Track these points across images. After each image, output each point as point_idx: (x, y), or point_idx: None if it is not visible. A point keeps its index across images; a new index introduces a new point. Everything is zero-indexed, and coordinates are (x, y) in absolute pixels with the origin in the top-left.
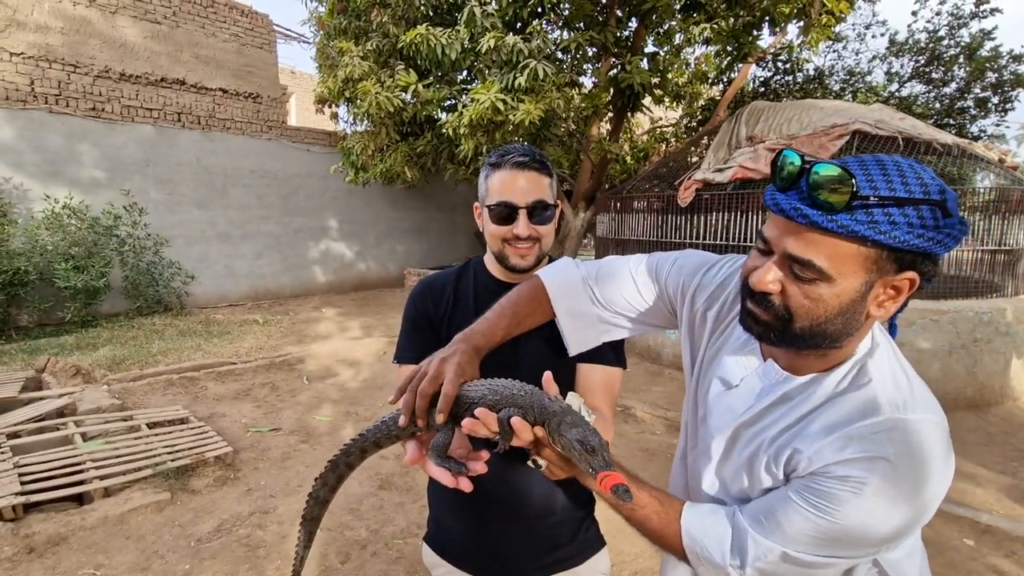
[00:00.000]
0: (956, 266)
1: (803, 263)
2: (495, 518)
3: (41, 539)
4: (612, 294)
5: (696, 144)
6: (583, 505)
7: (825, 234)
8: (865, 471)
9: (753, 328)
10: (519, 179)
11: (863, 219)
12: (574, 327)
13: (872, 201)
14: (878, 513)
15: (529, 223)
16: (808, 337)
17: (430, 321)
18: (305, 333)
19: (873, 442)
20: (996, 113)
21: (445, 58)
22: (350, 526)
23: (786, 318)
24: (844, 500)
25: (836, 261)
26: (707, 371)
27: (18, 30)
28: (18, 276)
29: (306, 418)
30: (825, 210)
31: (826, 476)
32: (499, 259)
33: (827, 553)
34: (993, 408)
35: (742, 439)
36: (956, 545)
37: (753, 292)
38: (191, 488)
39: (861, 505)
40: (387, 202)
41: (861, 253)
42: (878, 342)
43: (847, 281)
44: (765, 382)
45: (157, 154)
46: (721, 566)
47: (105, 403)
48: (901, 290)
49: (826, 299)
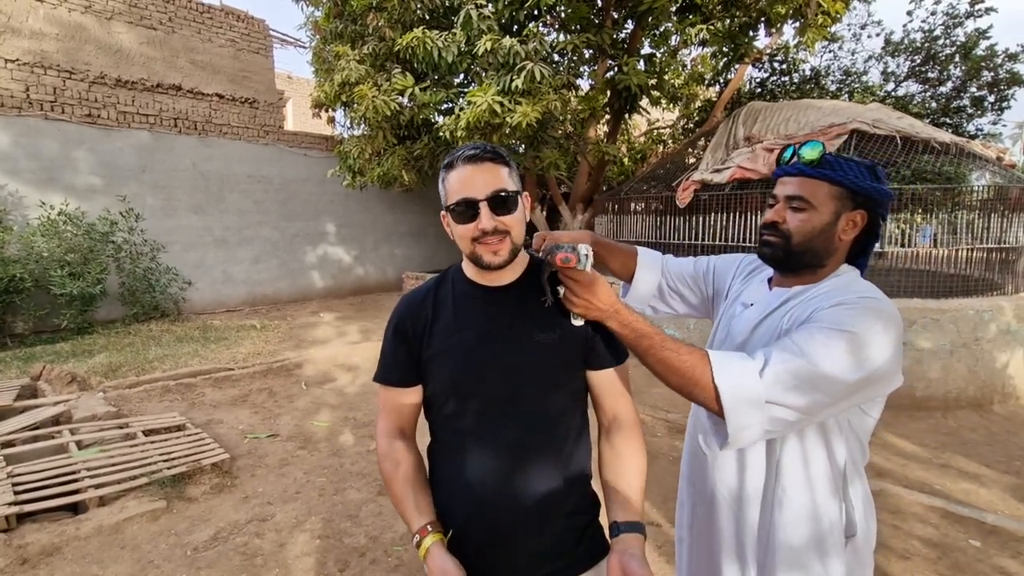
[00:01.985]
0: (955, 265)
1: (796, 198)
2: (498, 524)
3: (35, 550)
4: (675, 268)
5: (693, 145)
6: (587, 510)
7: (808, 178)
8: (850, 308)
9: (767, 253)
10: (474, 174)
11: (829, 169)
12: (643, 278)
13: (834, 159)
14: (859, 327)
15: (493, 215)
16: (803, 253)
17: (408, 342)
18: (303, 338)
19: (856, 302)
20: (992, 112)
21: (442, 61)
22: (349, 533)
23: (788, 236)
24: (838, 319)
25: (815, 195)
26: (731, 305)
27: (13, 36)
28: (14, 283)
29: (304, 424)
30: (807, 166)
31: (821, 311)
32: (473, 260)
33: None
34: (995, 407)
35: (759, 333)
36: (962, 546)
37: (766, 226)
38: (187, 496)
39: (848, 321)
40: (384, 206)
41: (831, 190)
42: (853, 270)
43: (824, 208)
44: (771, 298)
45: (153, 160)
46: (750, 373)
47: (101, 411)
48: (856, 223)
49: (812, 221)
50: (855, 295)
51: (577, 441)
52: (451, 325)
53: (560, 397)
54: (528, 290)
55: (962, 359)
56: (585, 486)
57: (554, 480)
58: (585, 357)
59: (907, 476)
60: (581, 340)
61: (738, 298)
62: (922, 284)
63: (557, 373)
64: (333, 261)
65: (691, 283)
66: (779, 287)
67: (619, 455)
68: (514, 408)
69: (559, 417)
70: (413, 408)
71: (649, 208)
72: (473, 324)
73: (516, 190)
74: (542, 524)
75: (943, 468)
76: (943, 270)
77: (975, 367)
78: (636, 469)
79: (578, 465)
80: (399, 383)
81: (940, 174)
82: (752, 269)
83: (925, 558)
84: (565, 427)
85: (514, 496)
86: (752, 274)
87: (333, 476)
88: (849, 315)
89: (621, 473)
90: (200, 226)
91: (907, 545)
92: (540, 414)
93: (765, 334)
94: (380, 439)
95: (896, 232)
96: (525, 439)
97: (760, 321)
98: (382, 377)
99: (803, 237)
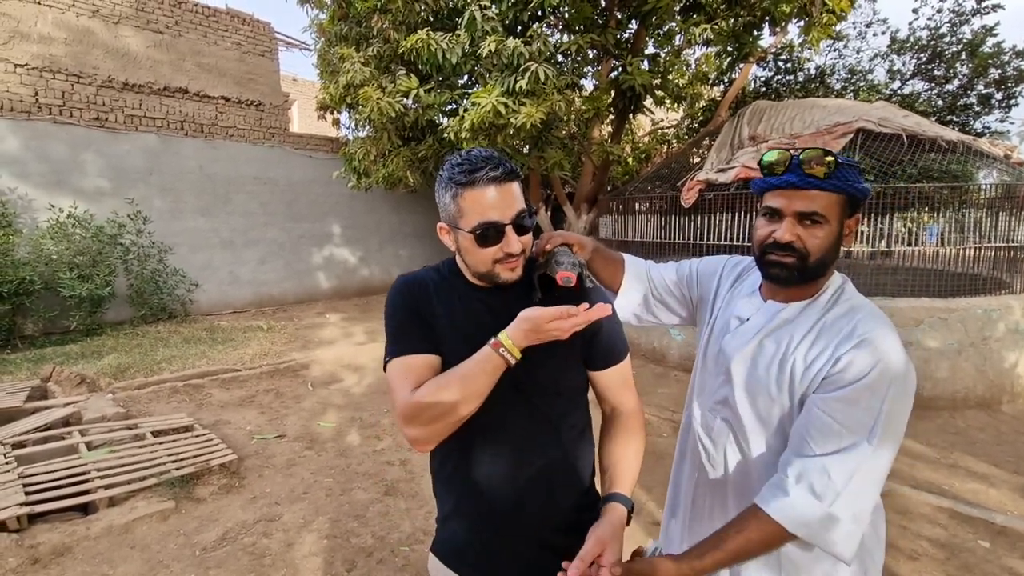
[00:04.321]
0: (963, 263)
1: (811, 214)
2: (503, 522)
3: (46, 550)
4: (658, 276)
5: (698, 145)
6: (591, 507)
7: (822, 191)
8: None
9: (780, 274)
10: (498, 195)
11: (838, 179)
12: (630, 288)
13: (836, 167)
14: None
15: (517, 237)
16: (818, 267)
17: (420, 314)
18: (309, 339)
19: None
20: (1000, 109)
21: (446, 62)
22: (356, 533)
23: (805, 255)
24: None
25: (828, 208)
26: (722, 316)
27: (22, 41)
28: (23, 286)
29: (311, 424)
30: (817, 177)
31: (835, 371)
32: (486, 278)
33: (857, 435)
34: (1004, 407)
35: (767, 348)
36: (971, 547)
37: (777, 246)
38: (196, 496)
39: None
40: (389, 207)
41: (838, 200)
42: (844, 278)
43: (834, 221)
44: (768, 314)
45: (160, 162)
46: (821, 510)
47: (110, 412)
48: (852, 228)
49: (826, 236)
50: (875, 355)
51: (580, 438)
52: (455, 324)
53: (562, 395)
54: (528, 289)
55: (970, 358)
56: (588, 483)
57: (556, 479)
58: (586, 357)
59: (915, 476)
60: (581, 339)
61: (729, 309)
62: (929, 283)
63: (558, 372)
64: (338, 262)
65: (675, 290)
66: (773, 300)
67: (617, 440)
68: (515, 407)
69: (562, 415)
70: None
71: (654, 208)
72: (476, 324)
73: (529, 204)
74: (546, 521)
75: (951, 468)
76: (950, 269)
77: (983, 366)
78: (634, 452)
79: (581, 462)
80: (424, 349)
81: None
82: (738, 274)
83: (933, 559)
84: (568, 425)
85: (518, 494)
86: (739, 280)
87: (340, 476)
88: (878, 404)
89: (620, 455)
90: (207, 228)
91: (915, 545)
92: (542, 412)
93: (779, 350)
94: (405, 399)
95: (903, 231)
96: (527, 438)
97: (759, 341)
98: (406, 347)
99: (821, 254)
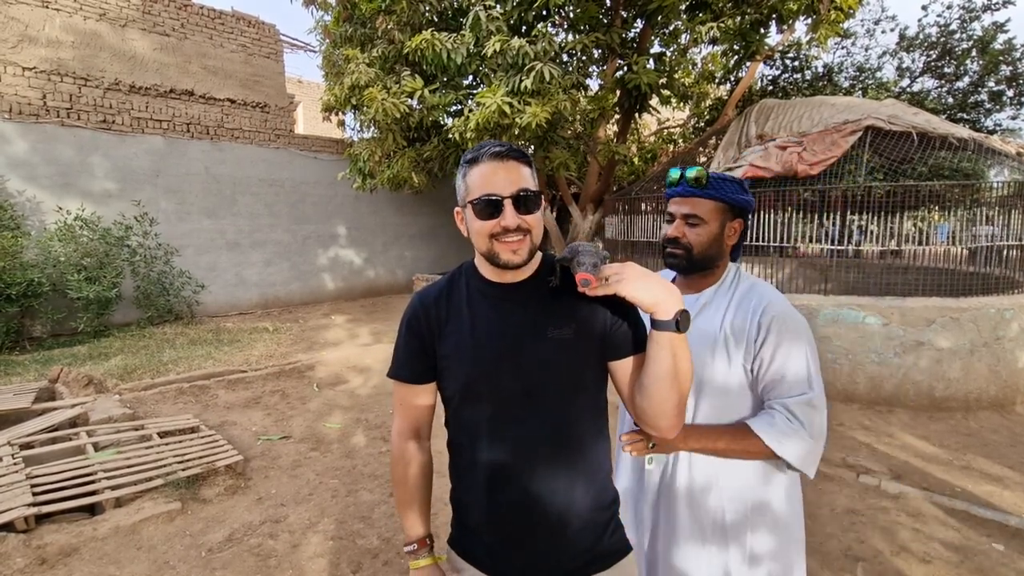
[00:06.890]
0: (975, 263)
1: (692, 216)
2: (513, 523)
3: (53, 550)
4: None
5: (704, 144)
6: (605, 508)
7: (700, 198)
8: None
9: (674, 263)
10: (499, 170)
11: (712, 189)
12: None
13: (715, 179)
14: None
15: (516, 213)
16: (702, 260)
17: (422, 339)
18: (315, 340)
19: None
20: (1011, 107)
21: (451, 63)
22: (362, 534)
23: (690, 248)
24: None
25: (708, 213)
26: None
27: (30, 45)
28: (32, 287)
29: (316, 425)
30: (697, 187)
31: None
32: (489, 258)
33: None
34: (1018, 407)
35: (699, 326)
36: (985, 550)
37: (669, 241)
38: (202, 497)
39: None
40: (395, 208)
41: (716, 206)
42: (737, 265)
43: (713, 222)
44: (689, 303)
45: (167, 165)
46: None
47: (117, 413)
48: (736, 230)
49: (705, 233)
50: (785, 314)
51: (595, 438)
52: (465, 324)
53: (576, 393)
54: (542, 286)
55: (983, 359)
56: (603, 483)
57: (571, 478)
58: (603, 350)
59: (927, 478)
60: (597, 334)
61: None
62: (940, 282)
63: (573, 369)
64: (344, 263)
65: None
66: (687, 293)
67: None
68: (530, 406)
69: (576, 414)
70: (427, 409)
71: (660, 208)
72: (487, 322)
73: (538, 190)
74: (558, 523)
75: (964, 470)
76: (962, 268)
77: (996, 367)
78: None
79: (596, 462)
80: (412, 379)
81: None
82: None
83: (947, 562)
84: (582, 424)
85: (530, 495)
86: None
87: (345, 478)
88: (804, 343)
89: None
90: (213, 230)
91: (928, 548)
92: (556, 411)
93: (706, 333)
94: (395, 439)
95: (913, 230)
96: (541, 437)
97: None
98: (395, 372)
99: (702, 248)
